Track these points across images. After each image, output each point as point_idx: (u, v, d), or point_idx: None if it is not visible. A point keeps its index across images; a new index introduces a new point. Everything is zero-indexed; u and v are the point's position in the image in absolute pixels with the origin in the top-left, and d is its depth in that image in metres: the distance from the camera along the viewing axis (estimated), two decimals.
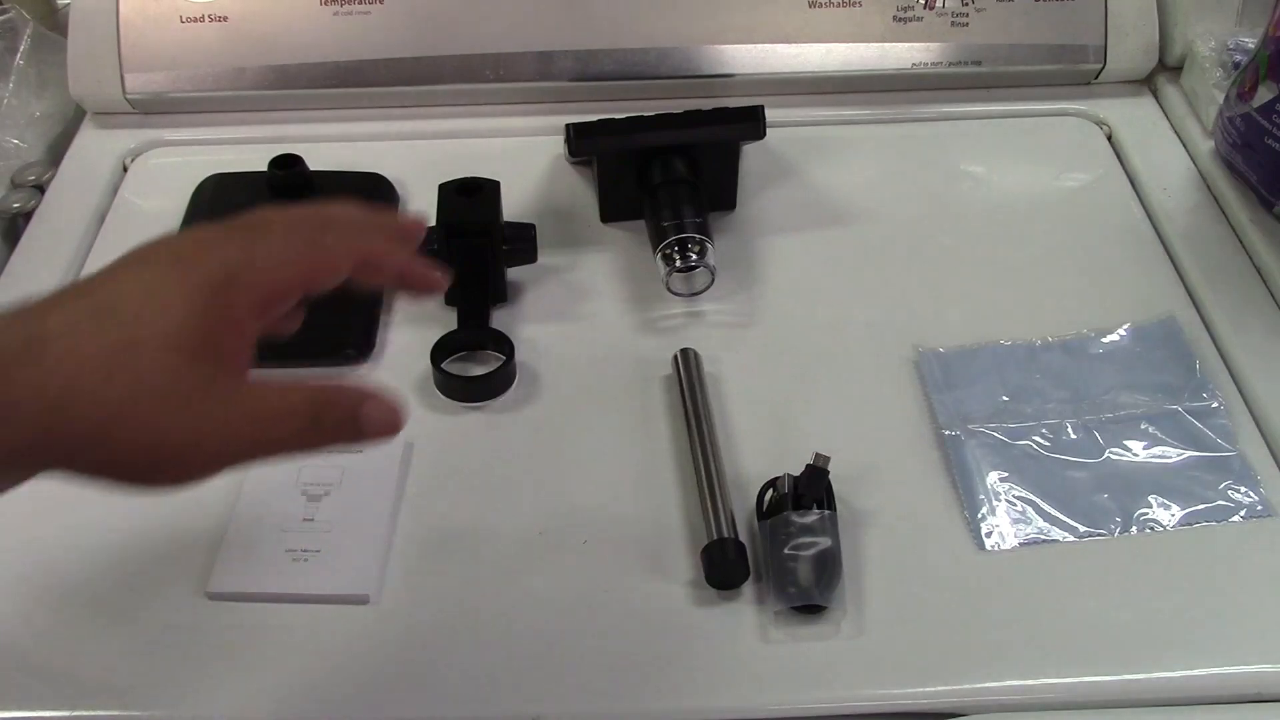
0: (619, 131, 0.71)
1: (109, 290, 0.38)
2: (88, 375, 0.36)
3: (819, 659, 0.52)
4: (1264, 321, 0.67)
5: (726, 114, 0.72)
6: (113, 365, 0.36)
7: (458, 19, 0.80)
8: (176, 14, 0.79)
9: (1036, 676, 0.52)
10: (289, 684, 0.52)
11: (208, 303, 0.38)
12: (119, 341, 0.36)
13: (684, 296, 0.68)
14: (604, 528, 0.57)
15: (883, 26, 0.81)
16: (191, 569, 0.55)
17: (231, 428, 0.38)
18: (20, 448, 0.36)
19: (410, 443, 0.61)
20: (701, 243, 0.67)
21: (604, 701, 0.51)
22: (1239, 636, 0.53)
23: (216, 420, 0.38)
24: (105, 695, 0.51)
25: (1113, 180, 0.78)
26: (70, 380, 0.35)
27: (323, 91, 0.80)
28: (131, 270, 0.39)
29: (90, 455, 0.37)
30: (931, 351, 0.65)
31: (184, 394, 0.37)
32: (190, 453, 0.38)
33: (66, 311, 0.37)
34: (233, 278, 0.39)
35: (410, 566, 0.56)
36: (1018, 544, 0.56)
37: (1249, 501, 0.58)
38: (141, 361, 0.37)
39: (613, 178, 0.73)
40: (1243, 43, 0.79)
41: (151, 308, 0.37)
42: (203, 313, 0.38)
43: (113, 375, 0.36)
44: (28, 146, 0.81)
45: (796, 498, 0.55)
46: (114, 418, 0.36)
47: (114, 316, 0.37)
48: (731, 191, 0.75)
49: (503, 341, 0.65)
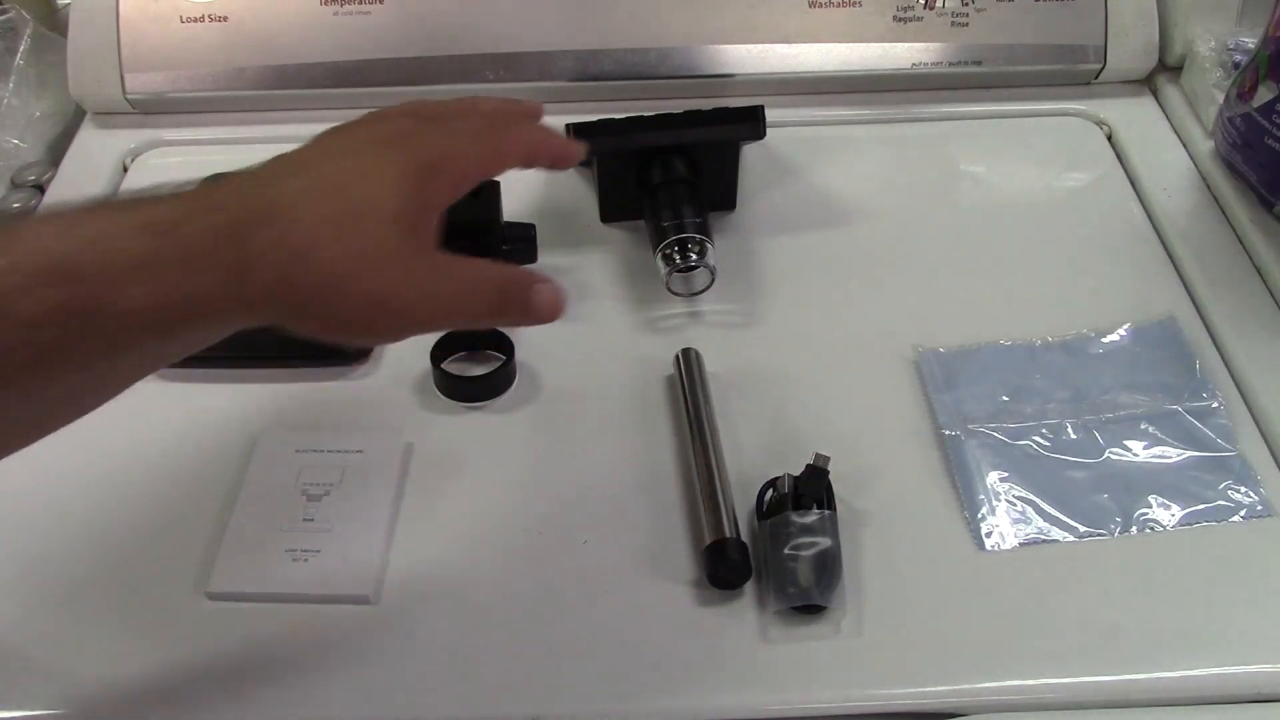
0: (619, 131, 0.71)
1: (334, 166, 0.43)
2: (323, 235, 0.41)
3: (819, 659, 0.52)
4: (1264, 321, 0.67)
5: (726, 114, 0.72)
6: (342, 229, 0.41)
7: (458, 19, 0.80)
8: (176, 14, 0.79)
9: (1036, 676, 0.52)
10: (289, 684, 0.52)
11: (416, 186, 0.43)
12: (347, 210, 0.42)
13: (684, 296, 0.68)
14: (604, 528, 0.57)
15: (883, 26, 0.81)
16: (191, 569, 0.55)
17: (438, 296, 0.44)
18: (260, 295, 0.40)
19: (410, 443, 0.61)
20: (701, 243, 0.67)
21: (604, 701, 0.51)
22: (1239, 636, 0.53)
23: (427, 287, 0.44)
24: (105, 695, 0.51)
25: (1113, 180, 0.78)
26: (309, 237, 0.41)
27: (323, 91, 0.80)
28: (349, 151, 0.44)
29: (318, 306, 0.41)
30: (931, 351, 0.65)
31: (402, 261, 0.43)
32: (404, 312, 0.43)
33: (300, 181, 0.42)
34: (436, 164, 0.45)
35: (410, 566, 0.56)
36: (1018, 544, 0.56)
37: (1249, 501, 0.58)
38: (368, 229, 0.42)
39: (613, 178, 0.73)
40: (1243, 43, 0.79)
41: (374, 186, 0.42)
42: (413, 194, 0.43)
43: (343, 238, 0.41)
44: (28, 146, 0.81)
45: (796, 498, 0.55)
46: (347, 272, 0.41)
47: (342, 190, 0.42)
48: (731, 191, 0.75)
49: (503, 341, 0.65)
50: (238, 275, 0.40)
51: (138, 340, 0.40)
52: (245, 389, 0.64)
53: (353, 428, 0.63)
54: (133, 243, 0.38)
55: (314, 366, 0.65)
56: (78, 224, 0.39)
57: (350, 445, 0.60)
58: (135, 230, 0.39)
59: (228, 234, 0.40)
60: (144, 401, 0.63)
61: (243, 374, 0.65)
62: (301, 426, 0.63)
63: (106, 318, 0.38)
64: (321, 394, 0.65)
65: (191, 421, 0.63)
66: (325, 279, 0.41)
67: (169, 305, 0.39)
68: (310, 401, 0.64)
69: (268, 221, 0.40)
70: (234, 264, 0.40)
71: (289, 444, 0.61)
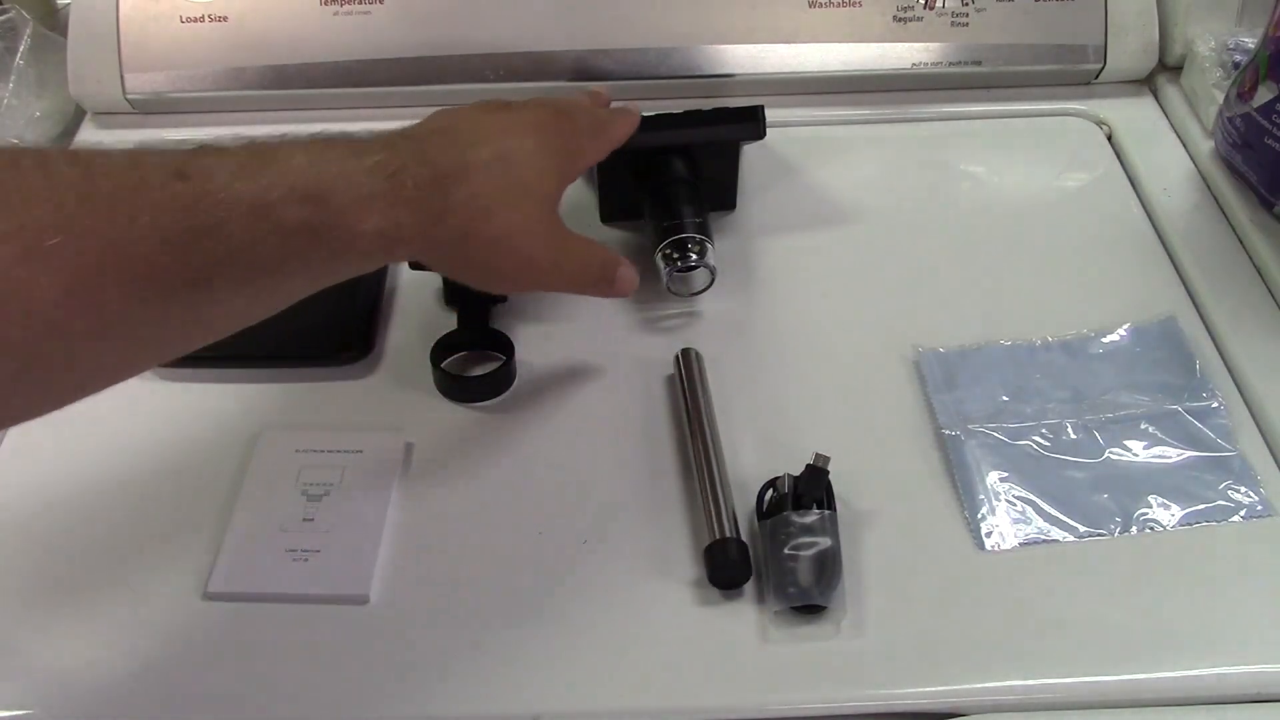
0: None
1: (502, 145, 0.52)
2: (499, 199, 0.51)
3: (819, 659, 0.52)
4: (1264, 321, 0.67)
5: (726, 114, 0.72)
6: (512, 198, 0.52)
7: (458, 19, 0.80)
8: (176, 14, 0.79)
9: (1036, 676, 0.52)
10: (289, 684, 0.52)
11: (560, 171, 0.56)
12: (517, 183, 0.52)
13: (684, 296, 0.68)
14: (604, 528, 0.57)
15: (883, 26, 0.81)
16: (191, 569, 0.55)
17: (563, 266, 0.57)
18: (446, 237, 0.50)
19: (410, 443, 0.61)
20: (701, 243, 0.67)
21: (604, 701, 0.51)
22: (1239, 636, 0.53)
23: (558, 258, 0.56)
24: (105, 695, 0.51)
25: (1113, 180, 0.78)
26: (492, 200, 0.51)
27: (323, 91, 0.80)
28: (512, 131, 0.54)
29: (485, 254, 0.52)
30: (931, 351, 0.65)
31: (549, 235, 0.55)
32: (541, 274, 0.56)
33: (484, 151, 0.51)
34: (574, 153, 0.58)
35: (410, 566, 0.56)
36: (1018, 544, 0.56)
37: (1249, 501, 0.58)
38: (532, 202, 0.53)
39: (612, 177, 0.73)
40: (1243, 43, 0.79)
41: (535, 166, 0.53)
42: (559, 178, 0.56)
43: (515, 206, 0.52)
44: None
45: (796, 498, 0.55)
46: (513, 234, 0.52)
47: (513, 166, 0.52)
48: (731, 192, 0.75)
49: (503, 341, 0.65)
50: (436, 217, 0.49)
51: (353, 257, 0.48)
52: (245, 389, 0.64)
53: (353, 428, 0.62)
54: (368, 180, 0.47)
55: (314, 366, 0.66)
56: (321, 158, 0.46)
57: (350, 445, 0.60)
58: (369, 170, 0.47)
59: (436, 184, 0.49)
60: (144, 401, 0.63)
61: (243, 374, 0.65)
62: (301, 426, 0.62)
63: (340, 235, 0.46)
64: (321, 394, 0.65)
65: (191, 421, 0.63)
66: (498, 236, 0.51)
67: (385, 233, 0.47)
68: (310, 401, 0.64)
69: (464, 180, 0.50)
70: (435, 211, 0.49)
71: (289, 444, 0.61)
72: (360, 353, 0.66)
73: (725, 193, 0.74)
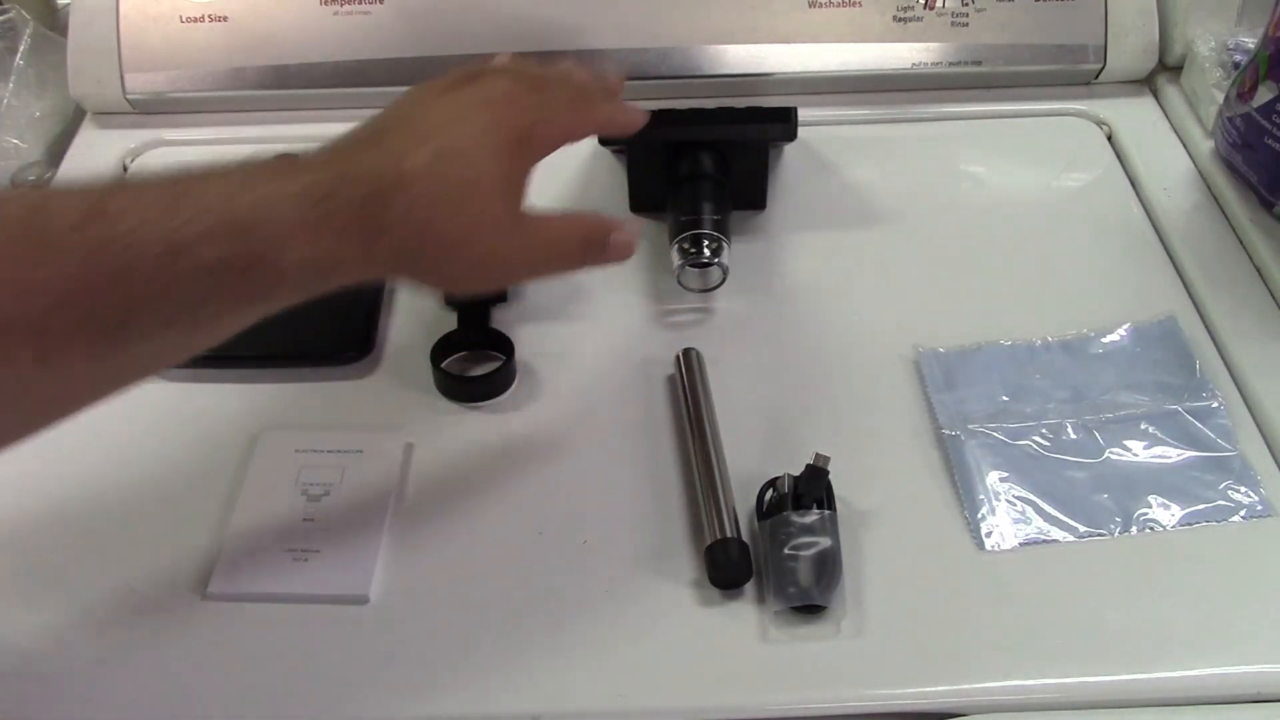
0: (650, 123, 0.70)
1: (445, 135, 0.48)
2: (444, 205, 0.47)
3: (819, 659, 0.52)
4: (1264, 321, 0.67)
5: (758, 113, 0.72)
6: (459, 199, 0.48)
7: (458, 19, 0.80)
8: (176, 14, 0.79)
9: (1036, 676, 0.52)
10: (288, 684, 0.52)
11: (515, 153, 0.50)
12: (463, 180, 0.48)
13: (695, 292, 0.68)
14: (604, 528, 0.57)
15: (883, 26, 0.81)
16: (191, 568, 0.55)
17: (532, 252, 0.52)
18: (388, 256, 0.47)
19: (410, 443, 0.61)
20: (717, 240, 0.67)
21: (604, 701, 0.51)
22: (1239, 636, 0.53)
23: (523, 246, 0.52)
24: (105, 695, 0.51)
25: (1113, 180, 0.78)
26: (430, 211, 0.47)
27: (323, 91, 0.80)
28: (459, 116, 0.50)
29: (435, 266, 0.49)
30: (931, 351, 0.65)
31: (507, 225, 0.50)
32: (507, 268, 0.53)
33: (422, 154, 0.47)
34: (531, 132, 0.51)
35: (410, 566, 0.56)
36: (1018, 544, 0.56)
37: (1249, 501, 0.58)
38: (479, 198, 0.48)
39: (642, 168, 0.73)
40: (1243, 43, 0.79)
41: (482, 157, 0.49)
42: (512, 161, 0.50)
43: (462, 207, 0.48)
44: (28, 146, 0.81)
45: (796, 498, 0.55)
46: (460, 240, 0.49)
47: (456, 160, 0.48)
48: (762, 191, 0.74)
49: (503, 341, 0.65)
50: (372, 240, 0.46)
51: (283, 291, 0.45)
52: (245, 389, 0.64)
53: (353, 428, 0.63)
54: (291, 211, 0.44)
55: (314, 366, 0.66)
56: (243, 187, 0.44)
57: (350, 445, 0.60)
58: (294, 197, 0.44)
59: (369, 205, 0.45)
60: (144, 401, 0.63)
61: (243, 374, 0.65)
62: (301, 427, 0.62)
63: (265, 271, 0.43)
64: (321, 394, 0.65)
65: (191, 421, 0.63)
66: (442, 246, 0.48)
67: (316, 264, 0.45)
68: (310, 401, 0.64)
69: (400, 191, 0.46)
70: (371, 231, 0.46)
71: (289, 444, 0.61)
72: (360, 353, 0.66)
73: (755, 192, 0.74)
